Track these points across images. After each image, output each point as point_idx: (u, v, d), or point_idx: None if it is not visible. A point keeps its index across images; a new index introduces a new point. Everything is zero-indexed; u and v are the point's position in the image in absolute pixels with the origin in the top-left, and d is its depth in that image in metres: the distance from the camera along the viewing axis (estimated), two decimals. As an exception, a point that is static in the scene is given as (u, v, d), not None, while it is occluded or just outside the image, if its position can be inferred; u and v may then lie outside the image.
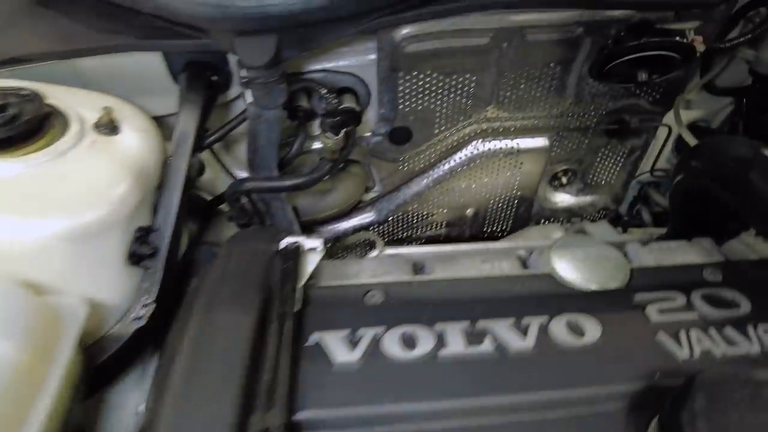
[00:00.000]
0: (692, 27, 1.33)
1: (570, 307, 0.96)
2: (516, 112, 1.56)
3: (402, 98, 1.45)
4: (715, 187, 1.14)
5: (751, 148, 1.08)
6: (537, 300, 0.98)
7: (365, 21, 1.13)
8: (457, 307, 0.96)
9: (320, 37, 1.16)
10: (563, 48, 1.37)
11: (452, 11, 1.16)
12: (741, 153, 1.08)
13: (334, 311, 0.99)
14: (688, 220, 1.40)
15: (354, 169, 1.69)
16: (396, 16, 1.14)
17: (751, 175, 1.04)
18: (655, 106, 1.62)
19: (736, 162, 1.09)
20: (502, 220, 1.93)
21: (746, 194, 1.05)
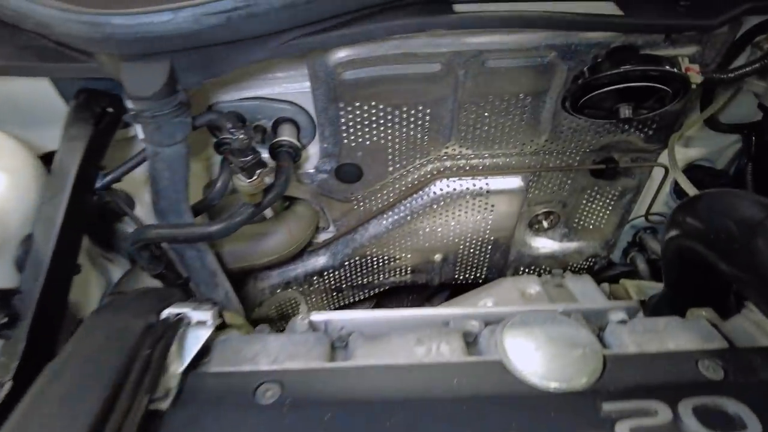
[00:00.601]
0: (687, 54, 1.11)
1: (517, 418, 0.72)
2: (482, 149, 1.34)
3: (346, 132, 1.24)
4: (713, 254, 0.90)
5: (759, 208, 0.85)
6: (476, 406, 0.75)
7: (276, 42, 0.93)
8: (370, 412, 0.73)
9: (225, 62, 0.95)
10: (533, 76, 1.15)
11: (385, 31, 0.94)
12: (746, 214, 0.85)
13: (211, 413, 0.76)
14: (684, 284, 1.16)
15: (300, 208, 1.47)
16: (314, 37, 0.93)
17: (758, 243, 0.80)
18: (649, 143, 1.39)
19: (739, 225, 0.85)
20: (476, 266, 1.69)
21: (749, 267, 0.81)
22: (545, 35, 1.07)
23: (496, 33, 1.07)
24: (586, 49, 1.09)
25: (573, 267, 1.73)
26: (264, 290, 1.70)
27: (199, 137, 1.28)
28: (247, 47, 0.95)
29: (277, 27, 0.92)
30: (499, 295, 1.48)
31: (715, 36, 1.12)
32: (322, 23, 0.94)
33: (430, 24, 0.93)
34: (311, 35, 0.94)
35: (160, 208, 1.10)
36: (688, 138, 1.46)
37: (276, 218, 1.46)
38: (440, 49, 1.07)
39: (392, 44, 1.06)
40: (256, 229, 1.44)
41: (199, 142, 1.31)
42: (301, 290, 1.70)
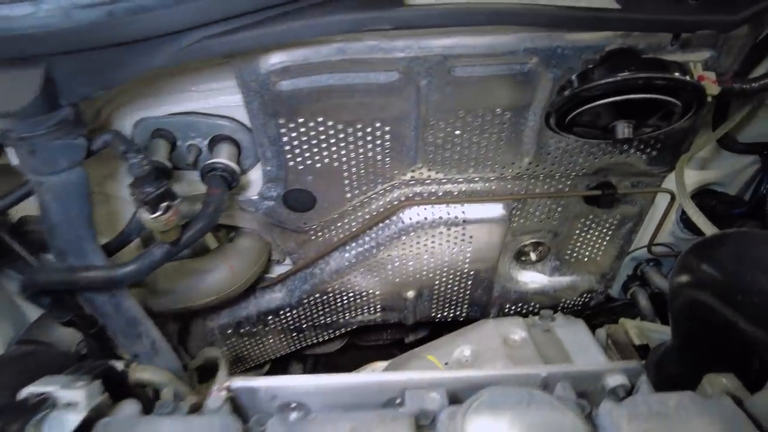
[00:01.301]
0: (700, 60, 0.91)
1: None
2: (454, 172, 1.13)
3: (291, 153, 1.05)
4: (738, 316, 0.70)
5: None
6: None
7: (181, 44, 0.73)
8: None
9: (120, 69, 0.76)
10: (511, 88, 0.95)
11: (315, 30, 0.74)
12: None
13: None
14: (697, 340, 0.95)
15: (245, 240, 1.27)
16: (227, 37, 0.73)
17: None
18: (653, 166, 1.19)
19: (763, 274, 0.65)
20: (455, 303, 1.48)
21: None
22: (523, 36, 0.87)
23: (464, 34, 0.87)
24: (575, 54, 0.89)
25: (566, 304, 1.52)
26: (213, 330, 1.50)
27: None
28: (146, 50, 0.75)
29: (178, 24, 0.72)
30: (479, 341, 1.27)
31: (732, 38, 0.92)
32: (236, 20, 0.74)
33: (371, 21, 0.73)
34: (223, 35, 0.74)
35: (56, 248, 0.90)
36: (698, 159, 1.26)
37: (216, 252, 1.26)
38: (395, 54, 0.88)
39: (334, 48, 0.87)
40: (193, 265, 1.23)
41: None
42: (254, 330, 1.49)
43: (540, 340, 1.24)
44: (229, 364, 1.61)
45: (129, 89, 1.00)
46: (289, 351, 1.61)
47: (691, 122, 1.09)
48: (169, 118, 1.05)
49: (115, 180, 1.14)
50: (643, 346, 1.42)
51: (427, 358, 1.31)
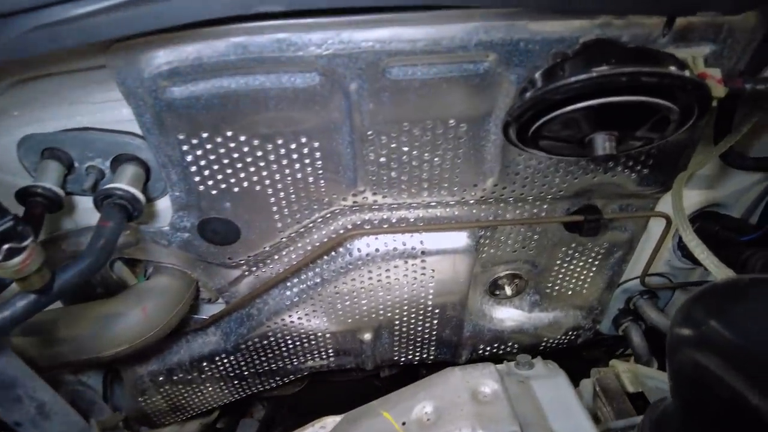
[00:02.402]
0: (695, 52, 0.73)
1: None
2: (405, 197, 0.94)
3: (199, 175, 0.85)
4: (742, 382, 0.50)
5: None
6: None
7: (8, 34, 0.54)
8: None
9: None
10: (466, 93, 0.76)
11: (176, 16, 0.55)
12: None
13: None
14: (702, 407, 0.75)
15: (163, 279, 1.07)
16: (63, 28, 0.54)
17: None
18: (645, 186, 1.00)
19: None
20: (420, 345, 1.28)
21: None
22: (475, 26, 0.69)
23: (399, 24, 0.68)
24: (542, 49, 0.70)
25: (549, 343, 1.32)
26: (143, 377, 1.29)
27: None
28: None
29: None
30: (444, 395, 1.06)
31: (738, 30, 0.74)
32: (81, 3, 0.55)
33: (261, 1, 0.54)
34: (62, 25, 0.55)
35: None
36: (697, 177, 1.07)
37: (128, 293, 1.06)
38: (310, 51, 0.68)
39: (233, 43, 0.68)
40: (100, 309, 1.03)
41: None
42: (189, 378, 1.29)
43: (515, 393, 1.04)
44: (166, 413, 1.40)
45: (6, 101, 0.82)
46: (234, 399, 1.40)
47: (689, 134, 0.91)
48: (62, 134, 0.86)
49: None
50: (638, 394, 1.23)
51: (383, 415, 1.10)
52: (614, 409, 1.17)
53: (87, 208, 0.96)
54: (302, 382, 1.72)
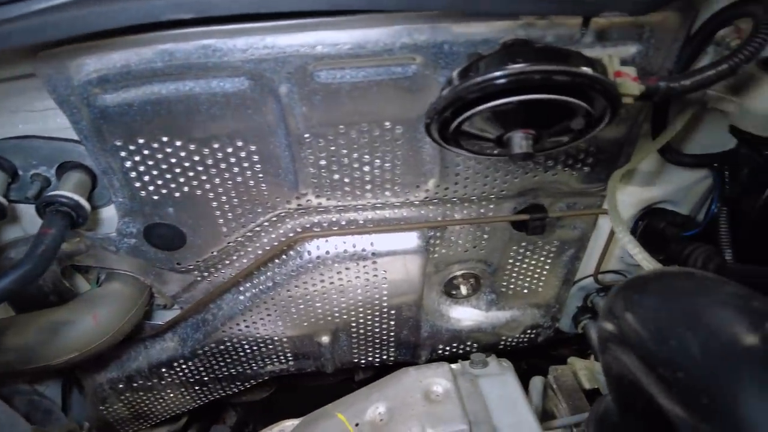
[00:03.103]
0: (618, 53, 0.75)
1: None
2: (349, 198, 0.95)
3: (139, 180, 0.86)
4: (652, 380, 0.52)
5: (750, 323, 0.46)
6: None
7: None
8: None
9: None
10: (398, 95, 0.78)
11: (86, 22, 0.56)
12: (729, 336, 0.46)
13: None
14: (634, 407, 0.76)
15: (114, 285, 1.07)
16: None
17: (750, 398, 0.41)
18: (589, 183, 1.02)
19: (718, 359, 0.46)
20: (379, 347, 1.29)
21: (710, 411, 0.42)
22: (398, 30, 0.70)
23: (323, 28, 0.69)
24: (466, 50, 0.72)
25: (509, 342, 1.34)
26: (102, 385, 1.28)
27: None
28: None
29: None
30: (397, 395, 1.07)
31: (660, 30, 0.76)
32: None
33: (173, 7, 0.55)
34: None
35: None
36: (644, 174, 1.09)
37: (78, 301, 1.06)
38: (236, 57, 0.69)
39: (159, 50, 0.69)
40: (49, 316, 1.03)
41: None
42: (150, 384, 1.28)
43: (468, 391, 1.05)
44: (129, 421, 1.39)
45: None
46: (197, 404, 1.40)
47: (626, 131, 0.93)
48: (3, 143, 0.86)
49: None
50: (595, 390, 1.24)
51: (337, 416, 1.10)
52: (570, 405, 1.18)
53: (35, 216, 0.96)
54: (270, 387, 1.72)
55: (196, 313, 1.16)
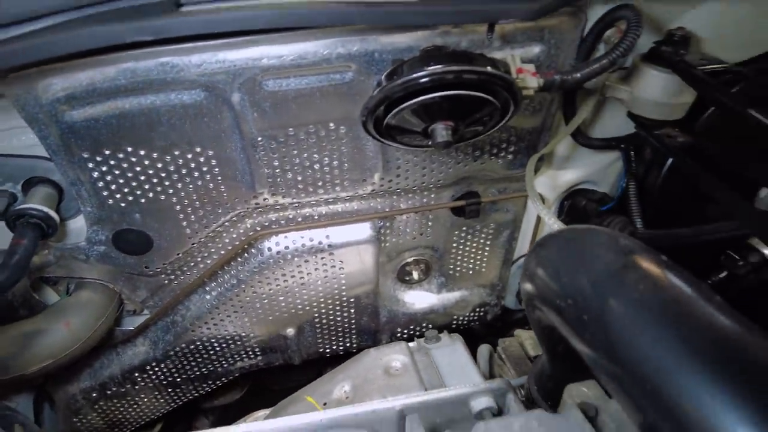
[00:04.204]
0: (526, 56, 0.88)
1: None
2: (303, 195, 1.05)
3: (107, 189, 0.93)
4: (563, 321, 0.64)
5: (616, 254, 0.59)
6: None
7: None
8: None
9: None
10: (337, 99, 0.88)
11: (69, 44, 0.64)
12: (600, 264, 0.59)
13: None
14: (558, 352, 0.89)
15: (84, 294, 1.13)
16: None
17: (611, 312, 0.54)
18: (513, 169, 1.15)
19: (592, 284, 0.59)
20: (342, 335, 1.38)
21: (601, 345, 0.55)
22: (333, 42, 0.81)
23: (267, 43, 0.80)
24: (393, 57, 0.84)
25: (460, 321, 1.46)
26: (76, 396, 1.32)
27: None
28: None
29: None
30: (359, 374, 1.17)
31: (558, 32, 0.90)
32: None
33: (135, 31, 0.64)
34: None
35: None
36: (562, 158, 1.24)
37: (49, 310, 1.11)
38: (191, 71, 0.79)
39: (122, 69, 0.77)
40: (21, 327, 1.08)
41: None
42: (123, 391, 1.33)
43: (423, 364, 1.16)
44: (104, 430, 1.43)
45: None
46: (170, 408, 1.45)
47: (541, 120, 1.07)
48: None
49: None
50: (539, 356, 1.38)
51: (306, 399, 1.19)
52: (517, 371, 1.31)
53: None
54: (242, 389, 1.78)
55: (165, 316, 1.23)
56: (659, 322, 0.51)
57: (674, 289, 0.53)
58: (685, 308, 0.50)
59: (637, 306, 0.52)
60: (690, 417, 0.45)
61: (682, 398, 0.47)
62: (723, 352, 0.48)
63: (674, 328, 0.50)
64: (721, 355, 0.47)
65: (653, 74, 0.98)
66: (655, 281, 0.54)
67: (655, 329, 0.50)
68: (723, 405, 0.45)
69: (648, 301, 0.52)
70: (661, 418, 0.48)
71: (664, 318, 0.51)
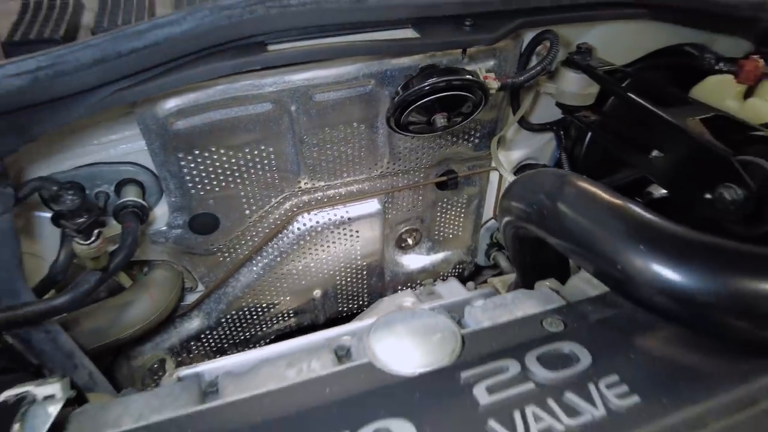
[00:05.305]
0: (486, 67, 1.29)
1: (381, 410, 0.75)
2: (333, 178, 1.41)
3: (192, 181, 1.24)
4: (536, 228, 1.03)
5: (557, 177, 0.99)
6: (341, 409, 0.76)
7: (95, 98, 0.92)
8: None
9: (42, 123, 0.92)
10: (360, 106, 1.25)
11: (201, 75, 0.98)
12: (548, 185, 0.99)
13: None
14: (528, 263, 1.29)
15: (160, 272, 1.41)
16: (133, 89, 0.94)
17: (560, 206, 0.94)
18: (479, 151, 1.56)
19: (547, 195, 0.99)
20: (356, 295, 1.73)
21: (559, 230, 0.94)
22: (361, 66, 1.18)
23: (316, 68, 1.16)
24: (400, 74, 1.22)
25: (444, 276, 1.84)
26: (140, 369, 1.58)
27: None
28: (65, 106, 0.93)
29: (92, 82, 0.91)
30: (379, 314, 1.52)
31: (504, 50, 1.32)
32: (140, 75, 0.95)
33: (244, 64, 0.99)
34: (131, 87, 0.95)
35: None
36: (512, 142, 1.67)
37: (134, 286, 1.39)
38: (265, 90, 1.14)
39: (218, 90, 1.11)
40: (114, 301, 1.35)
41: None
42: (179, 360, 1.61)
43: (426, 300, 1.53)
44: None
45: (32, 149, 1.14)
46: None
47: (494, 114, 1.48)
48: (75, 171, 1.19)
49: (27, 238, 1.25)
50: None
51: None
52: (494, 307, 1.71)
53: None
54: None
55: (218, 289, 1.53)
56: (586, 208, 0.91)
57: (591, 189, 0.94)
58: (599, 198, 0.91)
59: (573, 201, 0.92)
60: (611, 256, 0.85)
61: (605, 246, 0.87)
62: (621, 220, 0.88)
63: (594, 210, 0.90)
64: (619, 221, 0.88)
65: (570, 75, 1.42)
66: (581, 187, 0.94)
67: (585, 212, 0.91)
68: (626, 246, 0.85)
69: (579, 197, 0.92)
70: (598, 261, 0.88)
71: (588, 205, 0.91)
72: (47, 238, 1.21)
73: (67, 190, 0.96)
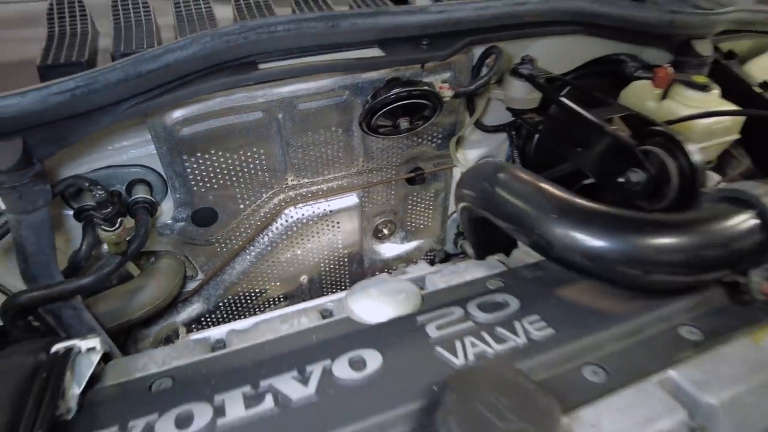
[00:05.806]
0: (442, 78, 1.53)
1: (356, 344, 0.97)
2: (315, 176, 1.63)
3: (194, 180, 1.45)
4: (483, 210, 1.26)
5: (495, 166, 1.23)
6: (324, 346, 0.98)
7: (119, 110, 1.14)
8: (242, 373, 0.93)
9: (76, 132, 1.13)
10: (337, 113, 1.48)
11: (206, 90, 1.20)
12: (489, 172, 1.23)
13: (112, 410, 0.90)
14: (482, 242, 1.53)
15: (165, 260, 1.62)
16: (149, 102, 1.16)
17: (497, 190, 1.17)
18: (441, 150, 1.79)
19: (488, 181, 1.22)
20: (339, 280, 1.95)
21: (498, 209, 1.18)
22: (337, 79, 1.41)
23: (299, 82, 1.39)
24: (369, 85, 1.45)
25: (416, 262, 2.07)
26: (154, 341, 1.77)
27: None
28: (94, 117, 1.14)
29: (117, 97, 1.13)
30: (359, 295, 1.74)
31: (458, 64, 1.56)
32: (154, 91, 1.17)
33: (240, 81, 1.22)
34: (147, 101, 1.17)
35: (31, 274, 1.20)
36: (471, 142, 1.91)
37: (143, 273, 1.59)
38: (257, 100, 1.36)
39: (217, 101, 1.33)
40: (127, 287, 1.55)
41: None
42: (183, 341, 1.80)
43: (400, 282, 1.75)
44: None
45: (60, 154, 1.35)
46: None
47: (453, 117, 1.72)
48: (94, 173, 1.39)
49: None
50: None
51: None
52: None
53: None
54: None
55: (216, 276, 1.73)
56: (516, 190, 1.14)
57: (520, 175, 1.17)
58: (526, 182, 1.15)
59: (506, 185, 1.16)
60: (535, 227, 1.08)
61: (531, 219, 1.10)
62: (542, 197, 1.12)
63: (522, 192, 1.14)
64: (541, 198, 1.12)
65: (516, 82, 1.66)
66: (513, 174, 1.18)
67: (515, 193, 1.14)
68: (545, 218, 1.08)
69: (510, 182, 1.16)
70: (526, 233, 1.11)
71: (518, 188, 1.15)
72: (65, 233, 1.42)
73: (95, 185, 1.17)
